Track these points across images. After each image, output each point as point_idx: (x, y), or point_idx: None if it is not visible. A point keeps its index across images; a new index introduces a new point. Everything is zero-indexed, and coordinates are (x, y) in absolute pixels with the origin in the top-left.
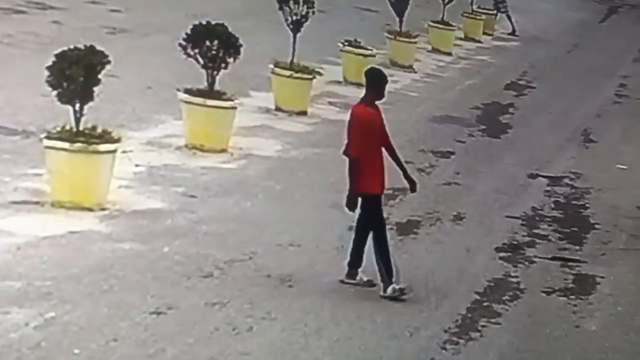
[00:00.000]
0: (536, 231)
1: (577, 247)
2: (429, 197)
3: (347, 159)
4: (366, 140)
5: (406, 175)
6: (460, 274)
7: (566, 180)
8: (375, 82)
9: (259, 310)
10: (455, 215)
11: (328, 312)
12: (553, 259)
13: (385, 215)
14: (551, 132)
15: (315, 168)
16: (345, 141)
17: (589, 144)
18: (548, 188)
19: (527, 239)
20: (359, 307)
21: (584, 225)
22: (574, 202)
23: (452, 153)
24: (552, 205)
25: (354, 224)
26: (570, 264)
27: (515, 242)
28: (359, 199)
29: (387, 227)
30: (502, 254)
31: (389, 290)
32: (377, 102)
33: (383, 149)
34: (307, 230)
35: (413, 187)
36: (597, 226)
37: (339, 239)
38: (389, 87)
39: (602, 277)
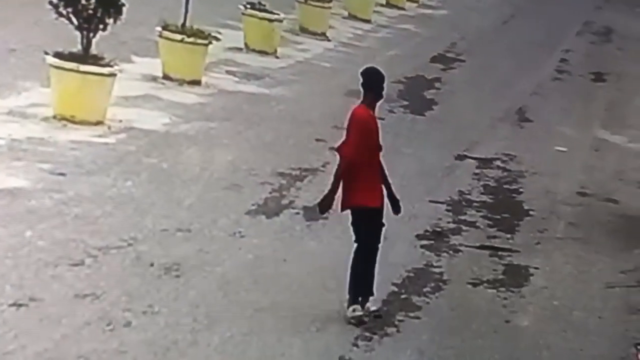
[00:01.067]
0: (463, 217)
1: (509, 236)
2: None
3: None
4: (364, 145)
5: (390, 193)
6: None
7: (498, 163)
8: (373, 82)
9: (138, 304)
10: None
11: (221, 306)
12: (481, 247)
13: (291, 198)
14: (482, 110)
15: (209, 144)
16: (342, 139)
17: (525, 123)
18: (477, 171)
19: (453, 225)
20: (259, 300)
21: (517, 212)
22: (506, 186)
23: None
24: (482, 190)
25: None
26: (500, 253)
27: (439, 229)
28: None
29: (294, 211)
30: (423, 242)
31: (349, 310)
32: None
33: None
34: (198, 214)
35: (396, 208)
36: (531, 213)
37: (235, 224)
38: (297, 56)
39: (536, 268)
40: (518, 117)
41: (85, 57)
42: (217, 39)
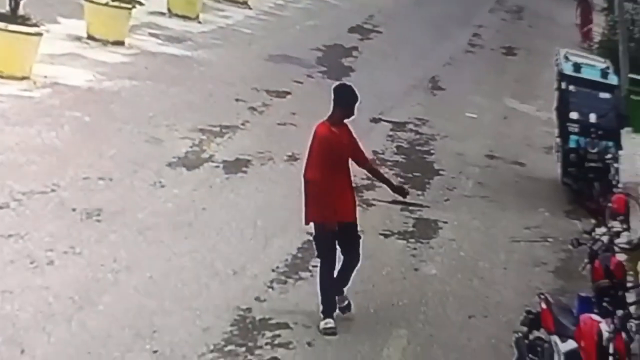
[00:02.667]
0: None
1: (420, 192)
2: (261, 136)
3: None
4: (327, 162)
5: (393, 188)
6: (292, 214)
7: (411, 126)
8: (344, 99)
9: (61, 245)
10: (289, 155)
11: (142, 249)
12: (393, 202)
13: (211, 152)
14: (397, 78)
15: (131, 101)
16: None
17: (437, 91)
18: (391, 133)
19: (367, 182)
20: (177, 245)
21: (428, 171)
22: (418, 147)
23: (288, 93)
24: (395, 150)
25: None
26: (411, 208)
27: (354, 185)
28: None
29: (213, 165)
30: None
31: (322, 323)
32: (346, 120)
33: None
34: (120, 165)
35: (403, 192)
36: (441, 172)
37: (156, 175)
38: (219, 22)
39: (445, 222)
40: (431, 85)
41: (13, 17)
42: (141, 3)
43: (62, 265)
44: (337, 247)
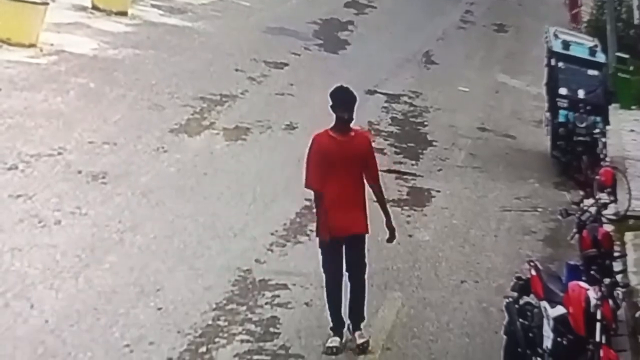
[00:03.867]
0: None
1: (414, 162)
2: (259, 105)
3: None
4: (324, 171)
5: (389, 222)
6: (290, 181)
7: (405, 99)
8: (338, 100)
9: (67, 205)
10: (287, 124)
11: (145, 211)
12: (388, 171)
13: (212, 120)
14: (391, 52)
15: (134, 69)
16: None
17: (430, 65)
18: (386, 104)
19: None
20: (179, 208)
21: (422, 142)
22: (412, 119)
23: (286, 64)
24: (390, 121)
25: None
26: (405, 177)
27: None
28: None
29: (214, 132)
30: None
31: (328, 340)
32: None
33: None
34: (124, 130)
35: (391, 236)
36: (434, 143)
37: (158, 140)
38: None
39: (438, 191)
40: (425, 59)
41: None
42: None
43: (68, 225)
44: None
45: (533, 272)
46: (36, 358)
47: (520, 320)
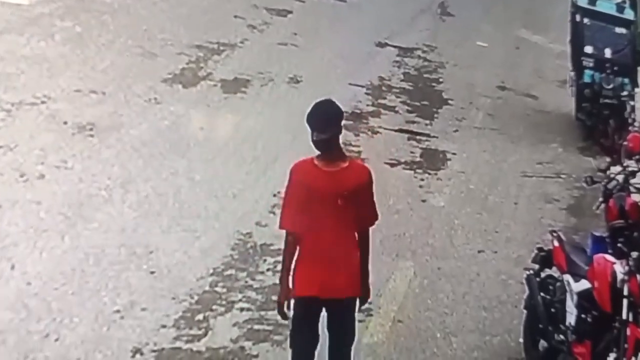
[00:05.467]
0: (382, 101)
1: (428, 122)
2: (260, 56)
3: None
4: (303, 209)
5: (364, 282)
6: (294, 139)
7: (418, 53)
8: (308, 120)
9: (52, 158)
10: (291, 77)
11: (137, 166)
12: (400, 131)
13: (209, 70)
14: (404, 2)
15: (125, 12)
16: None
17: (446, 17)
18: (398, 58)
19: (372, 108)
20: (173, 164)
21: (436, 100)
22: (426, 75)
23: (290, 12)
24: (402, 77)
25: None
26: (418, 137)
27: (358, 111)
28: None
29: (211, 83)
30: (343, 122)
31: None
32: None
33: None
34: (113, 78)
35: (364, 297)
36: (450, 102)
37: (150, 90)
38: None
39: (454, 154)
40: (440, 10)
41: None
42: None
43: (53, 180)
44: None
45: (555, 243)
46: (18, 323)
47: (542, 294)
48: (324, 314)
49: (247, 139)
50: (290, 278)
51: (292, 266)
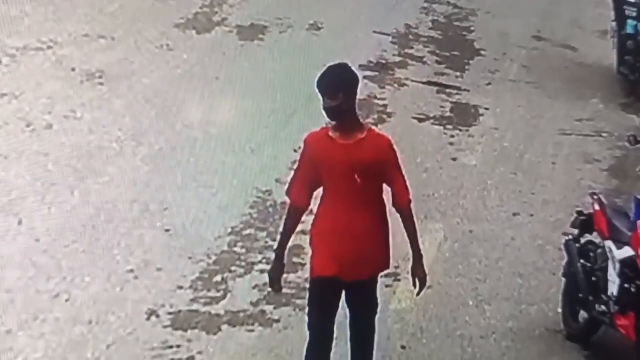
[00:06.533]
0: (409, 51)
1: (458, 74)
2: (279, 0)
3: None
4: (315, 183)
5: (417, 267)
6: (314, 90)
7: None
8: (318, 87)
9: (60, 108)
10: (311, 24)
11: (149, 118)
12: (429, 83)
13: (224, 15)
14: None
15: None
16: None
17: None
18: (426, 5)
19: (399, 59)
20: (188, 116)
21: (468, 50)
22: (456, 23)
23: None
24: (430, 25)
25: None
26: (448, 91)
27: (383, 62)
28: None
29: (227, 29)
30: (367, 73)
31: None
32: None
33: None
34: (123, 23)
35: (421, 286)
36: (482, 53)
37: (162, 36)
38: None
39: (487, 109)
40: None
41: None
42: None
43: (61, 130)
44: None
45: (596, 207)
46: (27, 281)
47: (582, 261)
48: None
49: (264, 90)
50: (309, 258)
51: (310, 245)
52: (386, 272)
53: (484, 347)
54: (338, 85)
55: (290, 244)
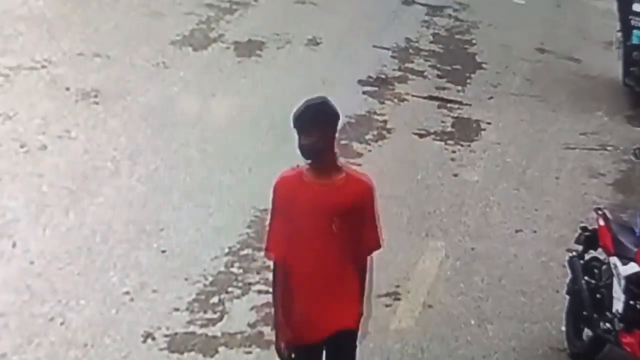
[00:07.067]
0: (410, 65)
1: (459, 88)
2: (276, 15)
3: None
4: (293, 236)
5: (364, 320)
6: None
7: (449, 11)
8: (294, 122)
9: (54, 128)
10: (309, 39)
11: (145, 137)
12: (429, 98)
13: (221, 32)
14: None
15: None
16: None
17: None
18: (426, 18)
19: (399, 73)
20: (184, 134)
21: (469, 64)
22: (457, 36)
23: None
24: (431, 38)
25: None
26: (450, 105)
27: (383, 76)
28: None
29: (223, 45)
30: (366, 88)
31: None
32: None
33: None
34: (118, 41)
35: (361, 337)
36: (484, 66)
37: (158, 54)
38: None
39: (489, 123)
40: None
41: None
42: None
43: (56, 151)
44: None
45: (601, 222)
46: (21, 304)
47: (586, 278)
48: None
49: (262, 107)
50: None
51: (273, 302)
52: (385, 291)
53: None
54: (315, 120)
55: None
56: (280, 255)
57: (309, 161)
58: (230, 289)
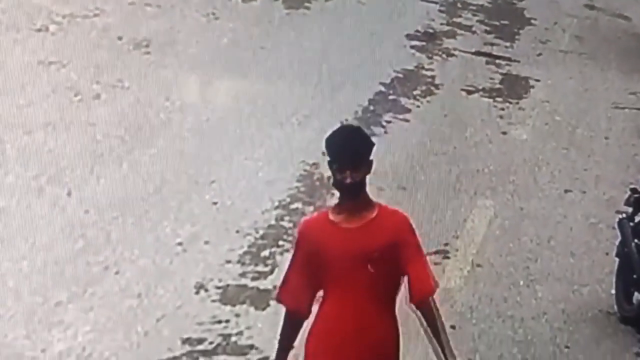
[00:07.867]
0: (458, 20)
1: (508, 44)
2: None
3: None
4: (316, 285)
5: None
6: (363, 61)
7: None
8: (332, 155)
9: (107, 77)
10: None
11: (195, 88)
12: (477, 54)
13: None
14: None
15: None
16: None
17: None
18: None
19: (447, 28)
20: (235, 87)
21: (518, 20)
22: None
23: None
24: None
25: None
26: (498, 61)
27: (431, 31)
28: None
29: None
30: (414, 42)
31: None
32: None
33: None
34: None
35: None
36: (533, 22)
37: (208, 4)
38: None
39: (537, 80)
40: None
41: None
42: None
43: (109, 100)
44: None
45: None
46: (75, 252)
47: (636, 240)
48: None
49: (311, 59)
50: None
51: (305, 354)
52: (434, 248)
53: (535, 328)
54: (364, 154)
55: None
56: (293, 304)
57: (346, 200)
58: (280, 242)
